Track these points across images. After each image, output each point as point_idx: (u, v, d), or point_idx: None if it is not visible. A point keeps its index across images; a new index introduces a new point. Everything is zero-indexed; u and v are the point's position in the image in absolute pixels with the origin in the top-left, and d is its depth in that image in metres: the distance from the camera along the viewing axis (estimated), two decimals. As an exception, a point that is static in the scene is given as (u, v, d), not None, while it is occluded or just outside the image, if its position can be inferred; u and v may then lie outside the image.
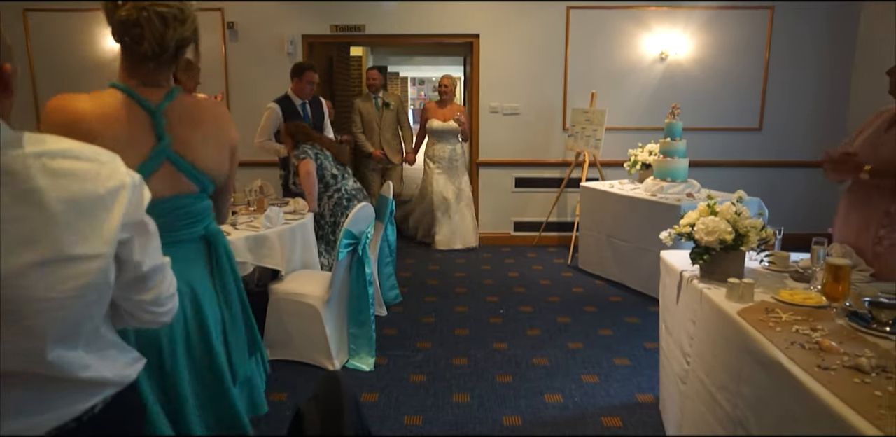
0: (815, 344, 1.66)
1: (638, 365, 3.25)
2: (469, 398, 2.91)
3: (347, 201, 3.89)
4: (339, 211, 3.89)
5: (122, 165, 1.01)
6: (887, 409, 1.31)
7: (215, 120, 1.62)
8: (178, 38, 1.44)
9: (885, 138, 2.23)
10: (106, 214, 0.95)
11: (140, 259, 1.03)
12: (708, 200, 2.36)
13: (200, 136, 1.57)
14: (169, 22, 1.40)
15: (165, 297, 1.13)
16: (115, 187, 0.97)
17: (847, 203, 2.39)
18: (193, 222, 1.61)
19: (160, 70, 1.51)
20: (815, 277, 2.10)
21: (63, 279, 0.90)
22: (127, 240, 1.00)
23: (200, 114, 1.60)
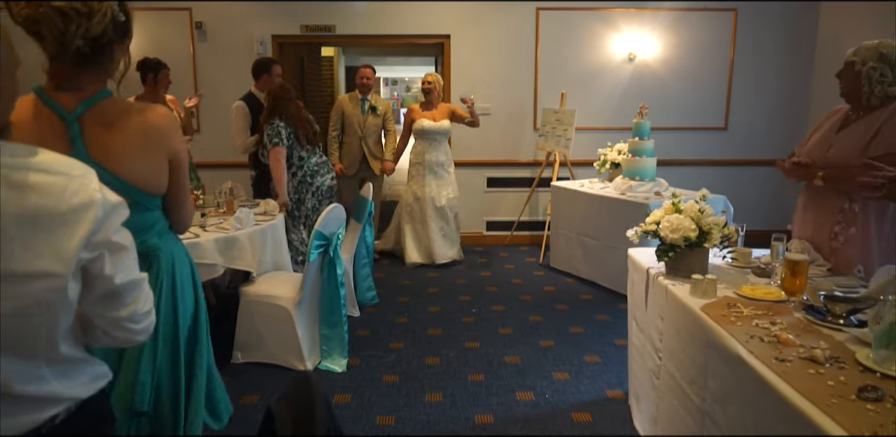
0: (773, 337, 1.71)
1: (608, 361, 3.30)
2: (441, 397, 2.92)
3: (311, 178, 4.04)
4: (303, 188, 4.03)
5: (93, 181, 0.96)
6: (839, 398, 1.36)
7: (146, 127, 1.51)
8: (86, 35, 1.34)
9: (834, 139, 2.31)
10: (67, 231, 0.91)
11: (111, 274, 0.99)
12: (672, 198, 2.41)
13: (123, 144, 1.47)
14: (71, 18, 1.32)
15: (141, 313, 1.08)
16: (81, 204, 0.92)
17: (804, 201, 2.46)
18: None
19: (79, 72, 1.42)
20: (774, 272, 2.16)
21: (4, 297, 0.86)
22: (96, 257, 0.96)
23: (126, 121, 1.49)
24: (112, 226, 0.98)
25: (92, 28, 1.34)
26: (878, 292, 1.82)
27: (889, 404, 1.33)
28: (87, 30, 1.34)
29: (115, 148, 1.46)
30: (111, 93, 1.50)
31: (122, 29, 1.42)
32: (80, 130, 1.43)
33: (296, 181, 4.00)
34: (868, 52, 2.21)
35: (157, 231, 1.65)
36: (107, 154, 1.44)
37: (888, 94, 2.19)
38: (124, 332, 1.08)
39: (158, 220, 1.65)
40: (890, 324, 1.47)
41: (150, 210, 1.60)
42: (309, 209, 4.02)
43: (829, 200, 2.31)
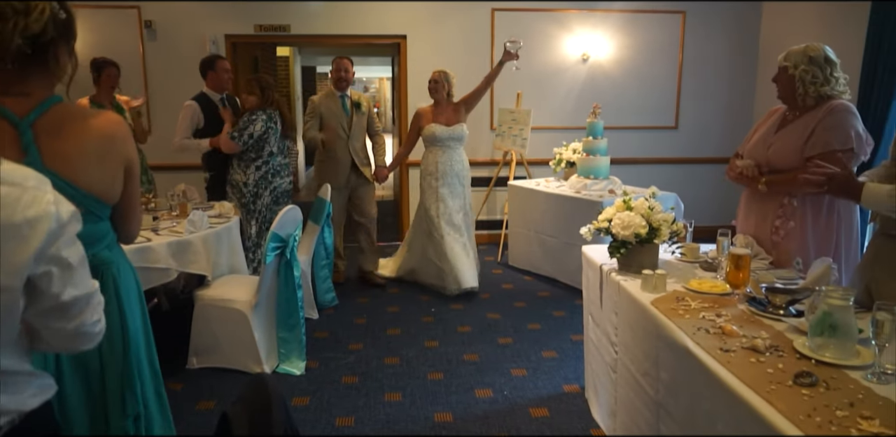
0: (718, 329, 1.78)
1: (565, 357, 3.36)
2: (401, 396, 2.93)
3: (272, 176, 4.03)
4: (262, 184, 4.01)
5: (48, 193, 0.94)
6: (777, 384, 1.43)
7: (102, 134, 1.46)
8: (24, 33, 1.29)
9: (774, 139, 2.42)
10: (18, 244, 0.88)
11: (59, 291, 0.97)
12: (623, 196, 2.47)
13: (79, 151, 1.42)
14: (6, 15, 1.26)
15: (90, 323, 1.06)
16: (35, 217, 0.90)
17: (747, 197, 2.56)
18: None
19: (25, 75, 1.37)
20: (720, 266, 2.24)
21: None
22: (44, 273, 0.93)
23: (80, 127, 1.44)
24: (65, 240, 0.96)
25: (30, 26, 1.30)
26: (814, 283, 1.91)
27: (822, 388, 1.40)
28: (26, 27, 1.29)
29: (70, 156, 1.41)
30: (62, 98, 1.45)
31: (64, 28, 1.37)
32: (34, 138, 1.38)
33: (258, 175, 3.98)
34: (798, 56, 2.33)
35: (108, 243, 1.61)
36: (62, 162, 1.40)
37: (821, 93, 2.30)
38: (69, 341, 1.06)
39: (109, 231, 1.61)
40: (823, 313, 1.55)
41: (102, 220, 1.56)
42: (264, 207, 3.99)
43: (769, 196, 2.41)
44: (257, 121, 3.86)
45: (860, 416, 1.26)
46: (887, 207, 1.78)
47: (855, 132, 2.23)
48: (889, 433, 1.20)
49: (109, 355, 1.60)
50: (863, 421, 1.25)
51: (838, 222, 2.34)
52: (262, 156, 3.95)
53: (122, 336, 1.63)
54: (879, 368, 1.45)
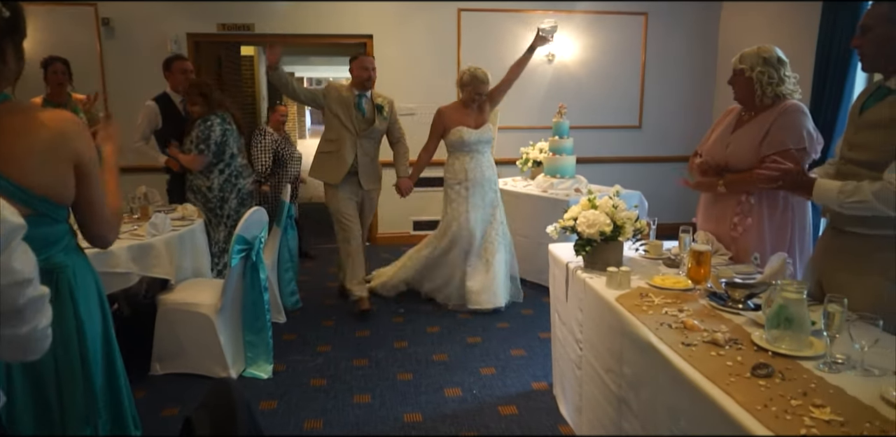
0: (680, 324, 1.81)
1: (533, 355, 3.38)
2: (370, 398, 2.92)
3: (236, 178, 3.93)
4: (228, 187, 3.90)
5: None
6: (736, 376, 1.46)
7: (49, 132, 1.42)
8: None
9: (731, 139, 2.48)
10: None
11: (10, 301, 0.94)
12: (588, 194, 2.51)
13: (25, 150, 1.38)
14: None
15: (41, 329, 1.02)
16: None
17: (707, 195, 2.62)
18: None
19: None
20: (682, 262, 2.28)
21: None
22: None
23: (28, 125, 1.40)
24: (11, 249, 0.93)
25: None
26: (771, 277, 1.97)
27: (777, 379, 1.44)
28: None
29: (16, 155, 1.37)
30: (10, 96, 1.41)
31: (9, 26, 1.33)
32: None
33: (221, 179, 3.86)
34: (752, 58, 2.39)
35: (65, 247, 1.56)
36: (8, 162, 1.35)
37: (777, 93, 2.37)
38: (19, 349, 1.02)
39: (66, 234, 1.57)
40: (779, 307, 1.59)
41: (57, 223, 1.51)
42: (232, 210, 3.91)
43: (728, 194, 2.47)
44: (214, 127, 3.71)
45: (812, 404, 1.30)
46: (836, 203, 1.84)
47: (807, 132, 2.31)
48: (839, 419, 1.24)
49: (65, 363, 1.56)
50: (815, 409, 1.29)
51: (792, 218, 2.42)
52: (224, 159, 3.84)
53: (80, 342, 1.59)
54: (831, 358, 1.50)
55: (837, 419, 1.25)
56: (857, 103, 1.98)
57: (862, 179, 1.81)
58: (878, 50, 1.83)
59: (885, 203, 1.73)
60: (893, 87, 1.83)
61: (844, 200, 1.80)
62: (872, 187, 1.75)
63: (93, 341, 1.63)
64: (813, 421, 1.24)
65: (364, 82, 3.93)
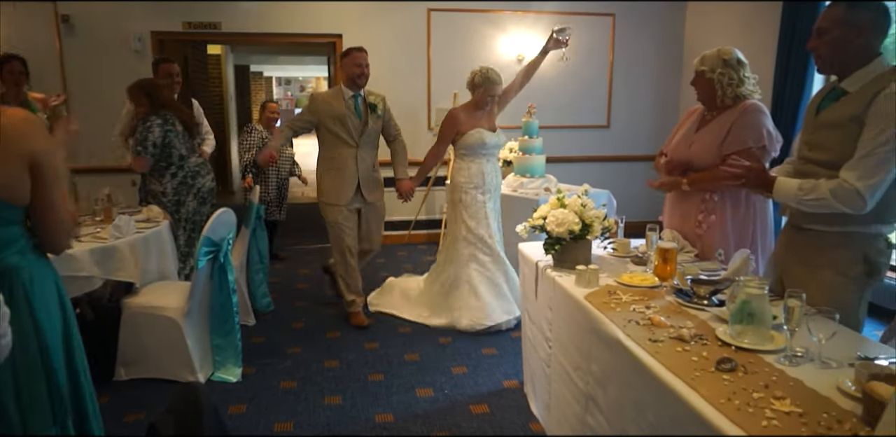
0: (647, 320, 1.84)
1: (504, 353, 3.40)
2: (341, 399, 2.90)
3: (192, 179, 3.83)
4: (183, 190, 3.81)
5: None
6: (701, 371, 1.49)
7: (2, 130, 1.40)
8: None
9: (694, 138, 2.53)
10: None
11: None
12: (557, 194, 2.53)
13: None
14: None
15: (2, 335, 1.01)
16: None
17: (672, 193, 2.67)
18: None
19: None
20: (649, 260, 2.32)
21: None
22: None
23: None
24: None
25: None
26: (734, 273, 2.01)
27: (741, 373, 1.47)
28: None
29: None
30: None
31: None
32: None
33: (175, 182, 3.77)
34: (713, 60, 2.45)
35: (20, 248, 1.52)
36: None
37: (737, 94, 2.43)
38: None
39: (21, 236, 1.52)
40: (742, 302, 1.63)
41: (11, 224, 1.47)
42: (190, 212, 3.82)
43: (692, 192, 2.52)
44: (153, 127, 3.61)
45: (773, 397, 1.34)
46: (794, 200, 1.89)
47: (766, 130, 2.37)
48: (798, 410, 1.28)
49: (24, 365, 1.52)
50: (776, 401, 1.32)
51: (754, 215, 2.47)
52: (174, 161, 3.73)
53: (39, 345, 1.55)
54: (791, 351, 1.54)
55: (797, 410, 1.28)
56: (813, 104, 2.04)
57: (819, 178, 1.86)
58: (833, 52, 1.88)
59: (841, 201, 1.79)
60: (847, 88, 1.88)
61: (803, 197, 1.85)
62: (829, 185, 1.80)
63: (53, 344, 1.59)
64: (774, 413, 1.28)
65: (357, 80, 3.68)
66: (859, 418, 1.25)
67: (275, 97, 18.10)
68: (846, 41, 1.84)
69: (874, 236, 1.90)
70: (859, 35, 1.82)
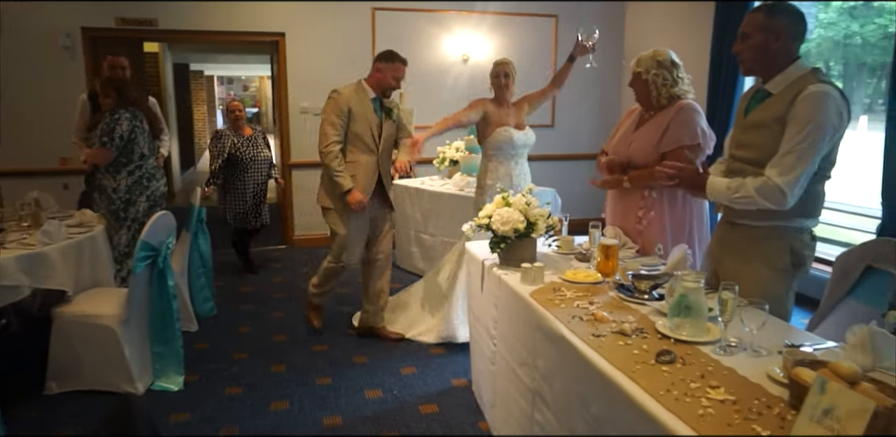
0: (591, 316, 1.87)
1: (453, 352, 3.41)
2: (289, 404, 2.84)
3: (147, 181, 3.73)
4: (137, 190, 3.68)
5: None
6: (641, 364, 1.53)
7: None
8: None
9: (633, 137, 2.61)
10: None
11: None
12: (502, 192, 2.55)
13: None
14: None
15: None
16: None
17: (613, 191, 2.73)
18: None
19: None
20: (592, 257, 2.37)
21: None
22: None
23: None
24: None
25: None
26: (673, 268, 2.07)
27: (679, 364, 1.52)
28: None
29: None
30: None
31: None
32: None
33: (130, 181, 3.64)
34: (648, 61, 2.53)
35: None
36: None
37: (672, 94, 2.51)
38: None
39: None
40: (680, 296, 1.68)
41: None
42: (140, 213, 3.68)
43: (633, 189, 2.59)
44: (121, 120, 3.54)
45: (709, 386, 1.39)
46: (725, 199, 1.97)
47: (700, 129, 2.45)
48: (732, 398, 1.33)
49: None
50: (711, 390, 1.37)
51: (691, 211, 2.56)
52: (134, 159, 3.63)
53: None
54: (725, 342, 1.60)
55: (730, 398, 1.33)
56: (741, 104, 2.12)
57: (747, 176, 1.94)
58: (755, 56, 1.97)
59: (766, 197, 1.87)
60: (771, 90, 1.97)
61: (732, 196, 1.93)
62: (755, 184, 1.88)
63: None
64: (709, 402, 1.32)
65: (387, 91, 3.49)
66: (787, 402, 1.31)
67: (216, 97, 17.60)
68: (767, 45, 1.92)
69: (799, 230, 1.99)
70: (778, 39, 1.91)
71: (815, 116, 1.81)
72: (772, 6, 1.93)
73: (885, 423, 1.12)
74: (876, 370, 1.36)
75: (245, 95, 20.97)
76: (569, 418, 1.77)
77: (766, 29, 1.91)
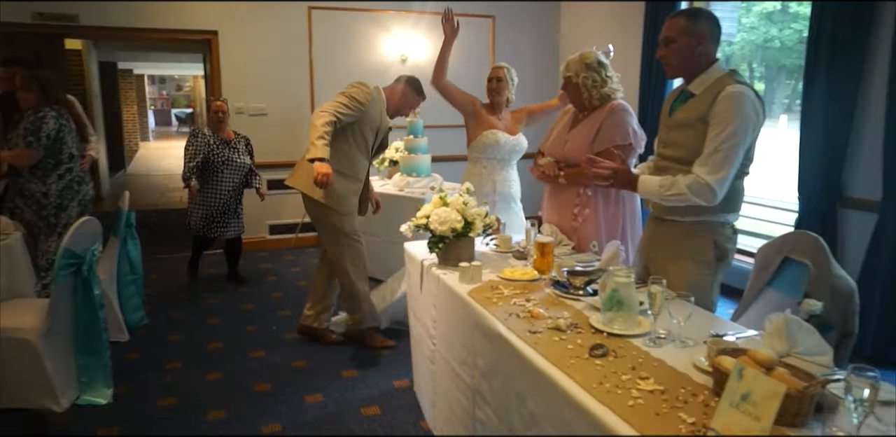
0: (527, 313, 1.89)
1: (395, 353, 3.39)
2: (225, 412, 2.76)
3: (77, 184, 3.58)
4: (68, 194, 3.53)
5: None
6: (576, 358, 1.55)
7: None
8: None
9: (568, 137, 2.66)
10: None
11: None
12: (440, 192, 2.55)
13: None
14: None
15: None
16: None
17: (550, 189, 2.79)
18: None
19: None
20: (529, 254, 2.40)
21: None
22: None
23: None
24: None
25: None
26: (607, 263, 2.12)
27: (611, 357, 1.55)
28: None
29: None
30: None
31: None
32: None
33: (61, 185, 3.47)
34: (576, 65, 2.59)
35: None
36: None
37: (602, 94, 2.58)
38: None
39: None
40: (612, 291, 1.72)
41: None
42: (72, 219, 3.49)
43: (568, 187, 2.65)
44: (47, 118, 3.36)
45: (639, 377, 1.42)
46: (657, 196, 2.03)
47: (631, 129, 2.53)
48: (660, 388, 1.37)
49: None
50: (641, 382, 1.40)
51: (624, 208, 2.64)
52: (63, 161, 3.46)
53: None
54: (654, 334, 1.64)
55: (659, 388, 1.37)
56: (666, 105, 2.20)
57: (675, 173, 2.01)
58: (680, 60, 2.05)
59: (697, 195, 1.94)
60: (694, 91, 2.05)
61: (664, 193, 1.99)
62: (686, 181, 1.95)
63: None
64: (639, 392, 1.36)
65: (400, 112, 3.61)
66: (711, 390, 1.36)
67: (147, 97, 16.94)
68: (691, 48, 2.01)
69: (722, 225, 2.08)
70: (700, 43, 2.00)
71: (735, 115, 1.90)
72: (692, 11, 2.02)
73: (796, 404, 1.18)
74: (791, 356, 1.43)
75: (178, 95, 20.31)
76: (507, 414, 1.78)
77: (689, 33, 1.99)
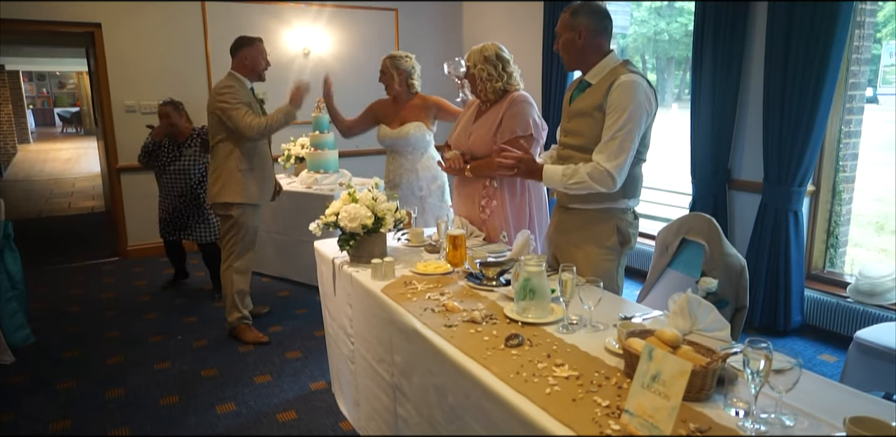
0: (442, 307, 1.88)
1: (309, 355, 3.30)
2: (129, 431, 2.58)
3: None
4: None
5: None
6: (492, 349, 1.56)
7: None
8: None
9: (472, 128, 2.67)
10: None
11: None
12: (348, 188, 2.49)
13: None
14: None
15: None
16: None
17: (458, 182, 2.79)
18: None
19: None
20: (442, 247, 2.39)
21: None
22: None
23: None
24: None
25: None
26: (517, 253, 2.15)
27: (527, 346, 1.57)
28: None
29: None
30: None
31: None
32: None
33: None
34: (476, 56, 2.61)
35: None
36: None
37: (496, 88, 2.59)
38: None
39: None
40: (524, 280, 1.73)
41: None
42: None
43: (475, 179, 2.66)
44: None
45: (555, 364, 1.45)
46: (561, 185, 2.07)
47: (532, 120, 2.56)
48: (575, 373, 1.39)
49: None
50: (557, 369, 1.42)
51: (530, 198, 2.68)
52: None
53: None
54: (567, 320, 1.68)
55: (574, 373, 1.40)
56: (567, 95, 2.25)
57: (576, 161, 2.06)
58: (566, 53, 2.13)
59: (597, 182, 2.00)
60: (590, 80, 2.11)
61: (567, 182, 2.04)
62: (586, 169, 2.00)
63: None
64: (555, 379, 1.37)
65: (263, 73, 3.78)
66: (623, 372, 1.40)
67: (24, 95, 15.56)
68: (573, 42, 2.09)
69: (623, 210, 2.16)
70: (581, 37, 2.08)
71: (629, 103, 1.96)
72: (574, 7, 2.09)
73: (700, 380, 1.23)
74: (693, 333, 1.50)
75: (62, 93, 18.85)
76: (429, 410, 1.77)
77: (571, 28, 2.07)
